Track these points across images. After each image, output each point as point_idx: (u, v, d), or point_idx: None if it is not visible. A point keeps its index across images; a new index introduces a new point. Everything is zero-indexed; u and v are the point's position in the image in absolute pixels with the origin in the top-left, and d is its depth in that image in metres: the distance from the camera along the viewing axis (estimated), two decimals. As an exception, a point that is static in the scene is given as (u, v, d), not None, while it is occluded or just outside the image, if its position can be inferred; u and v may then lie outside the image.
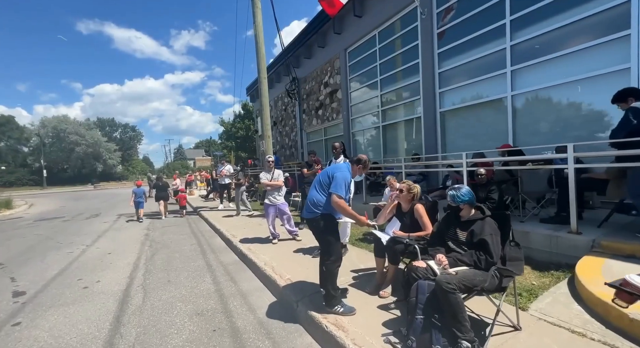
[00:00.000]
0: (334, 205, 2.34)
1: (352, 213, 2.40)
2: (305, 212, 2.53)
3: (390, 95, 7.86)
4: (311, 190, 2.55)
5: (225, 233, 5.78)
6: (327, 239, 2.45)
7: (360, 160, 2.54)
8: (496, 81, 5.24)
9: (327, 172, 2.50)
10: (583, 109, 4.32)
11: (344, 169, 2.46)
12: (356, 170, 2.53)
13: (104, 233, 6.98)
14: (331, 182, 2.39)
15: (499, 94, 5.19)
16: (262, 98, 8.46)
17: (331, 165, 3.84)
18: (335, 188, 2.34)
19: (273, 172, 4.83)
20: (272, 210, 4.72)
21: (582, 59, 4.24)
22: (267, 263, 3.70)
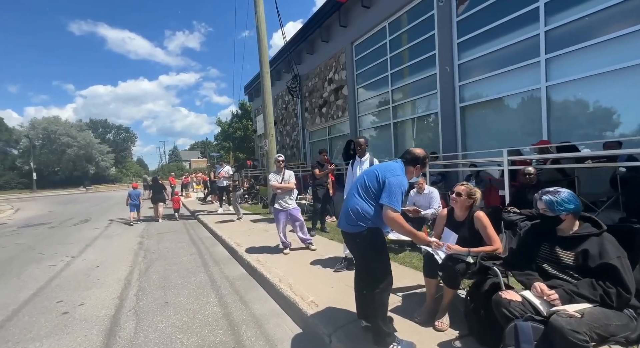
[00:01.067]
0: (387, 221, 1.82)
1: (410, 231, 1.87)
2: (344, 223, 1.99)
3: (403, 90, 7.37)
4: (351, 196, 2.00)
5: (228, 241, 5.22)
6: (374, 259, 1.91)
7: (418, 159, 1.98)
8: (527, 71, 4.77)
9: (375, 174, 1.93)
10: (633, 101, 3.86)
11: (398, 172, 1.90)
12: (412, 172, 1.98)
13: (93, 241, 6.35)
14: (382, 189, 1.84)
15: (531, 86, 4.72)
16: (264, 94, 7.92)
17: (357, 163, 3.33)
18: (390, 199, 1.80)
19: (283, 173, 4.29)
20: (283, 216, 4.18)
21: (631, 43, 3.78)
22: (283, 280, 3.15)
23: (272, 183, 4.17)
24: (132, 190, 8.54)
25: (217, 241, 5.80)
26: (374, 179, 1.93)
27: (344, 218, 2.00)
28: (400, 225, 1.82)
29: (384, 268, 1.91)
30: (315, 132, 11.90)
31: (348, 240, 2.04)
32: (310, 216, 6.16)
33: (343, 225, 2.01)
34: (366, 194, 1.92)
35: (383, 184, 1.86)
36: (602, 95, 4.13)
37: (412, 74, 7.02)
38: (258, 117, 17.84)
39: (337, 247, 4.33)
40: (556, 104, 4.52)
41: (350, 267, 3.30)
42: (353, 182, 2.10)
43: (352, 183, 2.11)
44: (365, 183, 1.95)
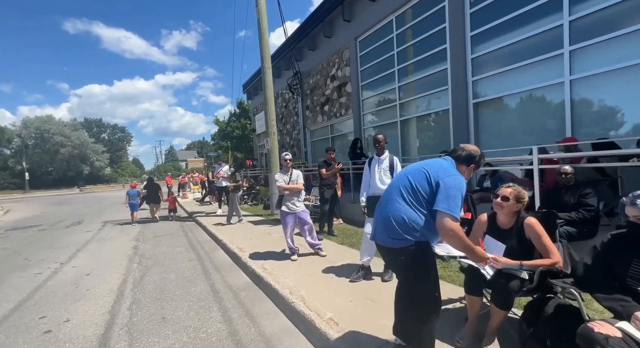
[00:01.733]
0: (444, 234, 1.48)
1: (470, 246, 1.53)
2: (384, 236, 1.63)
3: (410, 87, 7.08)
4: (391, 201, 1.64)
5: (229, 246, 4.88)
6: (422, 280, 1.58)
7: (473, 157, 1.66)
8: (549, 64, 4.50)
9: (424, 174, 1.59)
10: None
11: (453, 171, 1.58)
12: (464, 173, 1.65)
13: (84, 246, 5.98)
14: (436, 193, 1.52)
15: (553, 80, 4.45)
16: (266, 90, 7.59)
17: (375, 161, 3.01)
18: (449, 205, 1.46)
19: (291, 172, 3.97)
20: (291, 219, 3.85)
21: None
22: (294, 292, 2.83)
23: (279, 184, 3.85)
24: (131, 190, 8.47)
25: (218, 245, 5.46)
26: (423, 180, 1.58)
27: (383, 230, 1.64)
28: (460, 239, 1.48)
29: (434, 290, 1.58)
30: (316, 130, 11.58)
31: (389, 256, 1.69)
32: (315, 218, 5.85)
33: (382, 239, 1.65)
34: (414, 199, 1.57)
35: (437, 186, 1.52)
36: (632, 89, 3.86)
37: (421, 69, 6.73)
38: (257, 115, 17.57)
39: (348, 253, 4.03)
40: (581, 98, 4.25)
41: (367, 277, 2.99)
42: (392, 184, 1.76)
43: (390, 185, 1.77)
44: (412, 185, 1.60)
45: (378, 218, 1.75)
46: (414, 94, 7.01)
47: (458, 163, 1.68)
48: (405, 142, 7.46)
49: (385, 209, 1.67)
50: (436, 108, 6.49)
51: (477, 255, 1.56)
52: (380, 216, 1.71)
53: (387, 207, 1.67)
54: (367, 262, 3.00)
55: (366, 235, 2.96)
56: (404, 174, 1.73)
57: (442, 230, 1.48)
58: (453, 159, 1.70)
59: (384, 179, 2.92)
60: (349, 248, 4.21)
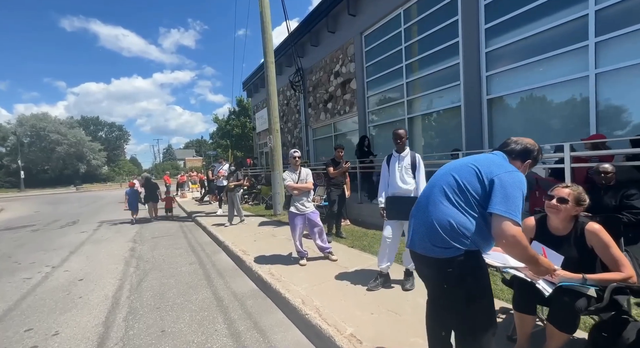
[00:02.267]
0: (504, 241, 1.22)
1: (535, 257, 1.27)
2: (426, 244, 1.39)
3: (419, 83, 6.83)
4: (434, 202, 1.40)
5: (232, 248, 4.61)
6: (475, 298, 1.31)
7: (529, 151, 1.42)
8: (572, 58, 4.26)
9: (473, 170, 1.35)
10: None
11: (509, 166, 1.34)
12: (519, 168, 1.39)
13: (78, 247, 5.68)
14: (490, 193, 1.27)
15: (577, 74, 4.21)
16: (269, 86, 7.31)
17: (394, 159, 2.75)
18: (508, 207, 1.22)
19: (300, 171, 3.71)
20: (299, 221, 3.59)
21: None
22: (307, 302, 2.57)
23: (287, 183, 3.58)
24: (129, 189, 8.41)
25: (219, 247, 5.19)
26: (472, 178, 1.34)
27: (425, 237, 1.39)
28: (524, 248, 1.23)
29: (489, 310, 1.33)
30: (319, 128, 11.31)
31: (432, 268, 1.42)
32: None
33: (423, 248, 1.40)
34: (462, 200, 1.33)
35: (490, 185, 1.28)
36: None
37: (431, 64, 6.47)
38: (257, 113, 17.27)
39: (360, 257, 3.77)
40: (607, 93, 4.01)
41: (386, 285, 2.74)
42: (432, 184, 1.50)
43: (430, 185, 1.51)
44: (458, 184, 1.35)
45: (417, 223, 1.48)
46: (422, 90, 6.76)
47: (511, 158, 1.43)
48: (412, 140, 7.21)
49: (427, 213, 1.42)
50: (446, 105, 6.24)
51: (542, 268, 1.30)
52: (420, 221, 1.45)
53: (428, 210, 1.41)
54: (385, 269, 2.74)
55: (385, 239, 2.71)
56: (446, 171, 1.47)
57: (501, 237, 1.23)
58: (505, 153, 1.45)
59: (405, 178, 2.67)
60: (361, 252, 3.96)
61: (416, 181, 2.67)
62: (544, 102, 4.76)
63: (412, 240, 1.49)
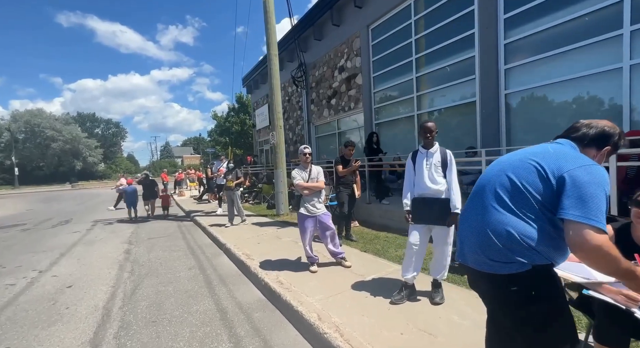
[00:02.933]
0: (585, 252, 0.96)
1: (630, 269, 0.99)
2: (479, 256, 1.14)
3: (430, 77, 6.52)
4: (487, 208, 1.15)
5: (234, 251, 4.30)
6: (549, 323, 1.05)
7: (609, 136, 1.14)
8: (603, 48, 3.97)
9: (533, 167, 1.09)
10: None
11: (583, 159, 1.06)
12: (594, 159, 1.12)
13: (70, 249, 5.34)
14: (560, 193, 1.01)
15: (608, 65, 3.92)
16: (272, 79, 6.97)
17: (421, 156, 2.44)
18: (585, 210, 0.96)
19: (310, 169, 3.39)
20: (310, 223, 3.28)
21: None
22: (324, 318, 2.26)
23: (297, 182, 3.27)
24: (128, 187, 8.32)
25: (220, 250, 4.87)
26: (532, 176, 1.08)
27: (478, 250, 1.14)
28: (615, 259, 0.96)
29: (568, 336, 1.07)
30: (322, 125, 10.99)
31: (490, 287, 1.16)
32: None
33: (478, 262, 1.15)
34: (522, 205, 1.07)
35: (560, 184, 1.02)
36: None
37: (443, 58, 6.16)
38: (258, 110, 16.91)
39: (376, 263, 3.46)
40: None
41: (412, 297, 2.44)
42: (482, 186, 1.22)
43: (479, 188, 1.23)
44: (516, 185, 1.10)
45: (466, 232, 1.23)
46: (434, 85, 6.45)
47: (583, 146, 1.15)
48: (422, 137, 6.90)
49: (478, 220, 1.17)
50: (460, 100, 5.94)
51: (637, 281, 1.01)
52: (471, 230, 1.20)
53: (480, 218, 1.16)
54: (411, 280, 2.44)
55: (412, 246, 2.40)
56: (499, 169, 1.20)
57: (582, 250, 0.96)
58: (573, 140, 1.17)
59: (435, 177, 2.36)
60: (375, 257, 3.65)
61: (447, 181, 2.36)
62: (570, 97, 4.47)
63: (462, 252, 1.26)
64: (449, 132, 6.38)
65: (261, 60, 14.99)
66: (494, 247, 1.10)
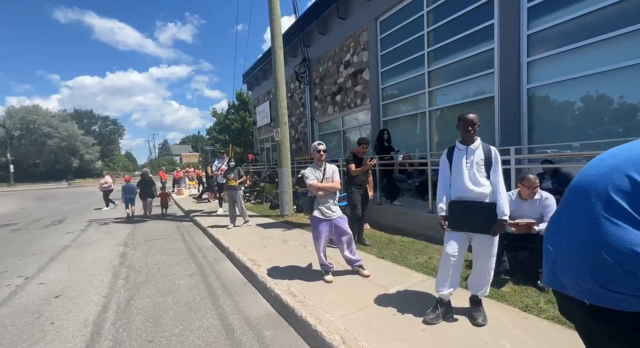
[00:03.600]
0: None
1: None
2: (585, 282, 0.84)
3: (444, 71, 6.20)
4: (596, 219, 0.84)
5: (238, 256, 3.97)
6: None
7: None
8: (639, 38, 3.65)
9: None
10: None
11: None
12: None
13: (61, 252, 4.99)
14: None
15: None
16: (276, 73, 6.63)
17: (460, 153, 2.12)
18: None
19: (324, 167, 3.06)
20: (325, 227, 2.96)
21: None
22: (349, 342, 1.94)
23: (310, 182, 2.94)
24: (126, 184, 8.25)
25: (223, 254, 4.54)
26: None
27: (585, 274, 0.85)
28: None
29: None
30: (326, 123, 10.65)
31: (599, 322, 0.86)
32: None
33: (578, 290, 0.88)
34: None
35: None
36: None
37: (459, 50, 5.84)
38: (258, 107, 16.53)
39: (396, 272, 3.14)
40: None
41: (448, 316, 2.12)
42: (581, 186, 0.91)
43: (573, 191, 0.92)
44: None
45: (564, 251, 0.92)
46: (447, 79, 6.13)
47: None
48: (434, 134, 6.59)
49: (586, 236, 0.86)
50: (477, 95, 5.62)
51: None
52: (572, 249, 0.89)
53: (587, 233, 0.86)
54: (447, 296, 2.13)
55: (449, 258, 2.08)
56: (611, 167, 0.88)
57: None
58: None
59: (478, 178, 2.03)
60: (394, 265, 3.33)
61: (492, 182, 2.04)
62: (599, 92, 4.15)
63: (555, 276, 0.96)
64: (463, 130, 6.05)
65: (262, 56, 14.61)
66: (611, 273, 0.80)
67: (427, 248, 3.83)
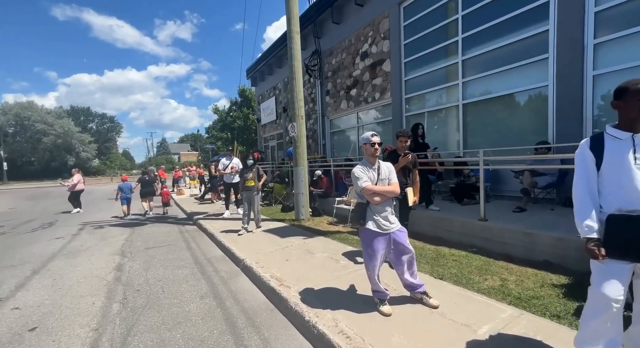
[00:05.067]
0: None
1: None
2: None
3: (481, 60, 5.53)
4: None
5: (259, 272, 3.29)
6: None
7: None
8: None
9: None
10: None
11: None
12: None
13: (46, 264, 4.28)
14: None
15: None
16: (293, 61, 5.95)
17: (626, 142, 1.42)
18: None
19: (379, 166, 2.38)
20: (382, 243, 2.27)
21: None
22: None
23: (363, 184, 2.24)
24: (123, 183, 8.17)
25: (238, 267, 3.85)
26: None
27: None
28: None
29: None
30: (339, 119, 9.96)
31: None
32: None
33: None
34: None
35: None
36: None
37: (503, 35, 5.17)
38: (263, 104, 15.82)
39: (470, 300, 2.45)
40: None
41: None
42: None
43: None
44: None
45: None
46: (486, 68, 5.46)
47: None
48: (468, 131, 5.93)
49: None
50: (525, 86, 4.95)
51: None
52: None
53: None
54: None
55: (610, 303, 1.38)
56: None
57: None
58: None
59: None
60: (461, 290, 2.64)
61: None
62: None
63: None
64: (505, 126, 5.40)
65: (268, 50, 13.89)
66: None
67: (490, 265, 3.15)
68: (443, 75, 6.27)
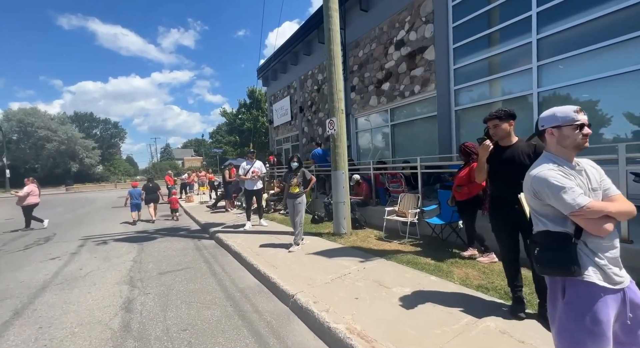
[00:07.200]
0: None
1: None
2: None
3: (567, 37, 4.54)
4: None
5: (326, 322, 2.28)
6: None
7: None
8: None
9: None
10: None
11: None
12: None
13: (33, 299, 3.30)
14: None
15: None
16: (330, 45, 5.05)
17: None
18: None
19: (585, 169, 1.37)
20: (612, 305, 1.23)
21: None
22: None
23: (583, 200, 1.24)
24: (133, 190, 8.09)
25: (285, 305, 2.84)
26: None
27: None
28: None
29: None
30: (366, 117, 9.00)
31: None
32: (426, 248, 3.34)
33: None
34: None
35: None
36: None
37: (594, 5, 4.19)
38: (276, 104, 14.87)
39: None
40: None
41: None
42: None
43: None
44: None
45: None
46: (573, 47, 4.47)
47: None
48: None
49: None
50: (629, 66, 3.95)
51: None
52: None
53: None
54: None
55: None
56: None
57: None
58: None
59: None
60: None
61: None
62: None
63: None
64: (600, 119, 4.39)
65: (282, 47, 13.05)
66: None
67: None
68: (510, 59, 5.27)
